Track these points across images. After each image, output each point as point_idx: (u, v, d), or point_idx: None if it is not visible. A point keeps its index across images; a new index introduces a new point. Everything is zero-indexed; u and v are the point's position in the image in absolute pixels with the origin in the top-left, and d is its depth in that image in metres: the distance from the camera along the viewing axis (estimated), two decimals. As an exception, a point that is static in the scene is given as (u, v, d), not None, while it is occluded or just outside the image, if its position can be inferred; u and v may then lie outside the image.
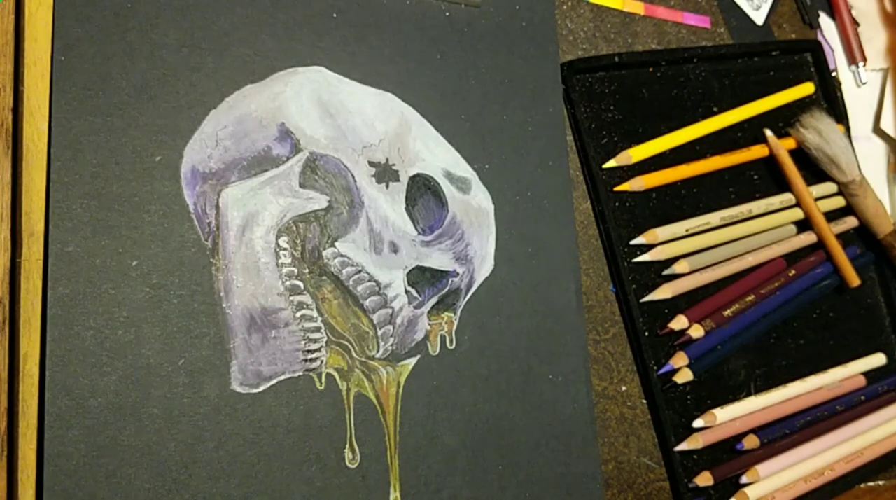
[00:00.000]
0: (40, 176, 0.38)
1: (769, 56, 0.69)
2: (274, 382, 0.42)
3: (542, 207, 0.52)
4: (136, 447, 0.38)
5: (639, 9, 0.63)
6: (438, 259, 0.48)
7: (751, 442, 0.58)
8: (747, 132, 0.66)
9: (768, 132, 0.66)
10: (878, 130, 0.76)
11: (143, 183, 0.40)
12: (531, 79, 0.54)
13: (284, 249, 0.43)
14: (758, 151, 0.65)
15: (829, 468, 0.61)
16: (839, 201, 0.69)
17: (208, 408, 0.40)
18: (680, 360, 0.57)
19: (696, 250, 0.60)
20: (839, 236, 0.67)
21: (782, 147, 0.66)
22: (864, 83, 0.75)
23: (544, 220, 0.52)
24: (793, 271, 0.64)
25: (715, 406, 0.58)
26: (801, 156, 0.68)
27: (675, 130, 0.62)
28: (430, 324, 0.47)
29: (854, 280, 0.66)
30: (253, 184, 0.43)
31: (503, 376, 0.49)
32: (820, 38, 0.74)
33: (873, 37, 0.77)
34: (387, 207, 0.46)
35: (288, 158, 0.44)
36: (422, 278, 0.47)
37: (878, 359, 0.68)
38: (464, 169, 0.50)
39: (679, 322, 0.57)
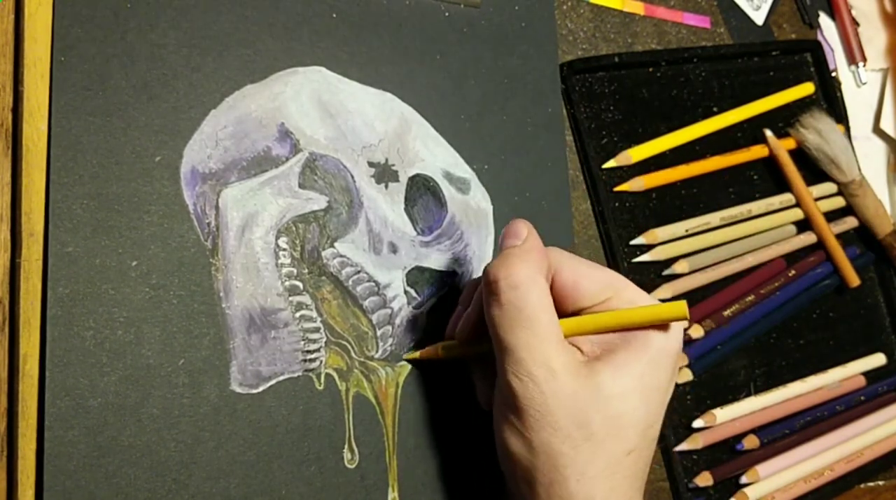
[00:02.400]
0: (40, 176, 0.38)
1: (769, 56, 0.69)
2: (273, 382, 0.42)
3: (541, 207, 0.52)
4: (135, 447, 0.38)
5: (639, 9, 0.63)
6: (437, 260, 0.48)
7: (751, 442, 0.58)
8: (747, 132, 0.66)
9: (768, 132, 0.66)
10: (878, 130, 0.76)
11: (142, 183, 0.40)
12: (531, 79, 0.54)
13: (284, 249, 0.43)
14: (757, 151, 0.65)
15: (829, 469, 0.61)
16: (839, 201, 0.69)
17: (208, 408, 0.40)
18: (680, 360, 0.57)
19: (696, 251, 0.60)
20: (839, 236, 0.67)
21: (782, 147, 0.66)
22: (864, 83, 0.75)
23: (543, 220, 0.52)
24: (793, 272, 0.64)
25: (715, 406, 0.58)
26: (801, 156, 0.68)
27: (675, 131, 0.62)
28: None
29: (854, 280, 0.66)
30: (252, 184, 0.43)
31: (503, 377, 0.49)
32: (820, 38, 0.74)
33: (873, 37, 0.77)
34: (386, 207, 0.46)
35: (287, 159, 0.44)
36: (421, 278, 0.47)
37: (877, 359, 0.68)
38: (463, 169, 0.50)
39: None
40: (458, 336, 0.44)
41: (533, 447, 0.38)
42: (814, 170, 0.68)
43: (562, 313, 0.40)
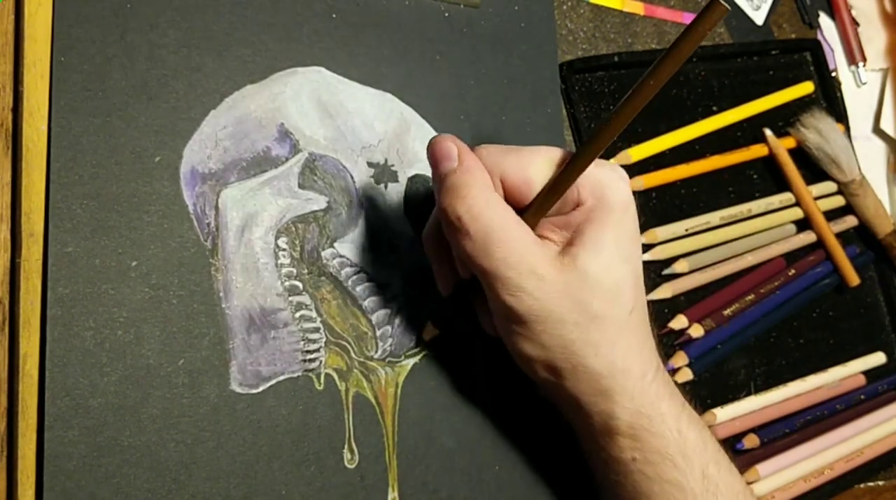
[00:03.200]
0: (40, 176, 0.38)
1: (768, 55, 0.69)
2: (273, 382, 0.42)
3: (542, 207, 0.52)
4: (135, 447, 0.38)
5: (638, 9, 0.63)
6: (437, 259, 0.48)
7: (751, 441, 0.59)
8: (747, 131, 0.66)
9: (768, 132, 0.66)
10: (877, 130, 0.76)
11: (142, 183, 0.40)
12: (530, 79, 0.54)
13: (283, 249, 0.43)
14: (757, 151, 0.65)
15: (829, 468, 0.61)
16: (839, 201, 0.69)
17: (208, 408, 0.40)
18: (680, 359, 0.57)
19: (696, 250, 0.60)
20: (838, 236, 0.67)
21: (782, 146, 0.66)
22: (864, 83, 0.75)
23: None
24: (792, 271, 0.64)
25: (715, 406, 0.58)
26: (801, 155, 0.68)
27: (675, 130, 0.62)
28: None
29: (853, 279, 0.66)
30: (252, 184, 0.43)
31: (501, 377, 0.49)
32: (820, 38, 0.74)
33: (873, 37, 0.77)
34: (385, 207, 0.46)
35: (287, 159, 0.44)
36: (420, 278, 0.47)
37: (877, 358, 0.68)
38: (463, 169, 0.50)
39: (679, 322, 0.57)
40: (444, 293, 0.45)
41: (546, 346, 0.40)
42: (814, 169, 0.68)
43: (522, 206, 0.41)
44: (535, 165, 0.40)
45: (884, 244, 0.69)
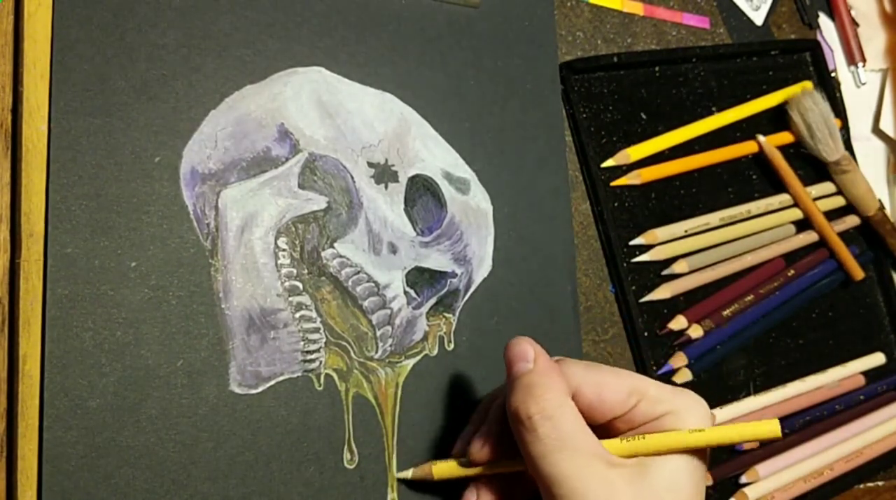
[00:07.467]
0: (40, 177, 0.38)
1: (768, 56, 0.69)
2: (273, 383, 0.42)
3: (541, 207, 0.52)
4: (134, 448, 0.38)
5: (638, 9, 0.63)
6: (437, 260, 0.48)
7: (750, 442, 0.59)
8: (746, 131, 0.66)
9: (760, 138, 0.65)
10: (877, 130, 0.76)
11: (142, 184, 0.40)
12: (530, 79, 0.54)
13: (283, 249, 0.43)
14: (753, 145, 0.65)
15: (829, 468, 0.61)
16: (839, 201, 0.69)
17: (207, 409, 0.40)
18: (679, 360, 0.57)
19: (695, 250, 0.60)
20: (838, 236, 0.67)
21: (776, 151, 0.66)
22: (864, 84, 0.75)
23: (542, 221, 0.52)
24: (792, 271, 0.64)
25: (714, 406, 0.58)
26: (798, 156, 0.68)
27: (674, 130, 0.62)
28: (428, 325, 0.47)
29: (858, 274, 0.66)
30: (252, 185, 0.43)
31: (501, 378, 0.49)
32: (819, 38, 0.74)
33: (873, 37, 0.77)
34: (386, 207, 0.46)
35: (287, 159, 0.44)
36: (420, 278, 0.47)
37: (877, 358, 0.68)
38: (463, 170, 0.50)
39: (678, 322, 0.57)
40: (477, 458, 0.42)
41: None
42: (811, 169, 0.68)
43: (592, 424, 0.39)
44: (612, 389, 0.39)
45: (873, 222, 0.69)
